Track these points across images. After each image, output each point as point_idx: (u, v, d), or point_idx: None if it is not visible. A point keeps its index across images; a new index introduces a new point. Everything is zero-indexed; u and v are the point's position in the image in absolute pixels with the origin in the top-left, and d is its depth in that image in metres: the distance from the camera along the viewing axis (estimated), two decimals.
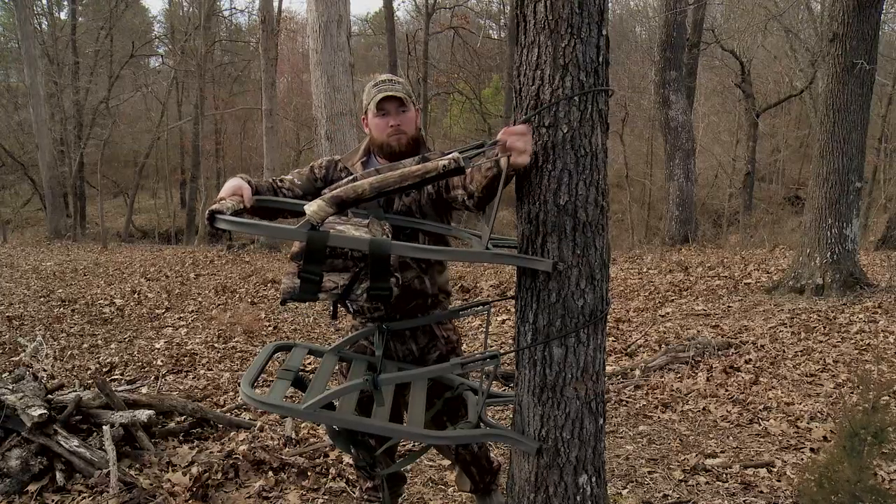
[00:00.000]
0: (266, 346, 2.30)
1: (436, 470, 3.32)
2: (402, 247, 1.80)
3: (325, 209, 1.65)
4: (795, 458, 3.41)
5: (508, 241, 2.19)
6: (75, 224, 20.01)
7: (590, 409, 1.84)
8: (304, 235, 1.68)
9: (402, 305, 2.29)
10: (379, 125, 2.28)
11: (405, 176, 1.70)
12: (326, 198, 1.67)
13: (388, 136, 2.27)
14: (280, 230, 1.89)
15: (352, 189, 1.68)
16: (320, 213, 1.65)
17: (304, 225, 1.68)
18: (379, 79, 2.32)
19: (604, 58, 1.74)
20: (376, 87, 2.28)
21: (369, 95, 2.28)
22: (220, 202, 1.97)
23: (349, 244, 1.77)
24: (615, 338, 5.85)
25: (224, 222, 1.76)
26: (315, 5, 7.91)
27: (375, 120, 2.28)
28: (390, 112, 2.26)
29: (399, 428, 1.99)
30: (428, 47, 21.12)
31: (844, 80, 6.77)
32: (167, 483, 3.07)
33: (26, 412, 3.06)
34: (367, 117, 2.33)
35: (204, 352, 5.86)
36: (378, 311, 2.28)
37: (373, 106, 2.25)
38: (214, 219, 1.79)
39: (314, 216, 1.65)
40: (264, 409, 1.90)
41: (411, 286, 2.28)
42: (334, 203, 1.66)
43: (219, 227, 1.81)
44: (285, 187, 2.29)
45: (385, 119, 2.26)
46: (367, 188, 1.69)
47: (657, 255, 11.25)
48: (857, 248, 7.08)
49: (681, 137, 13.51)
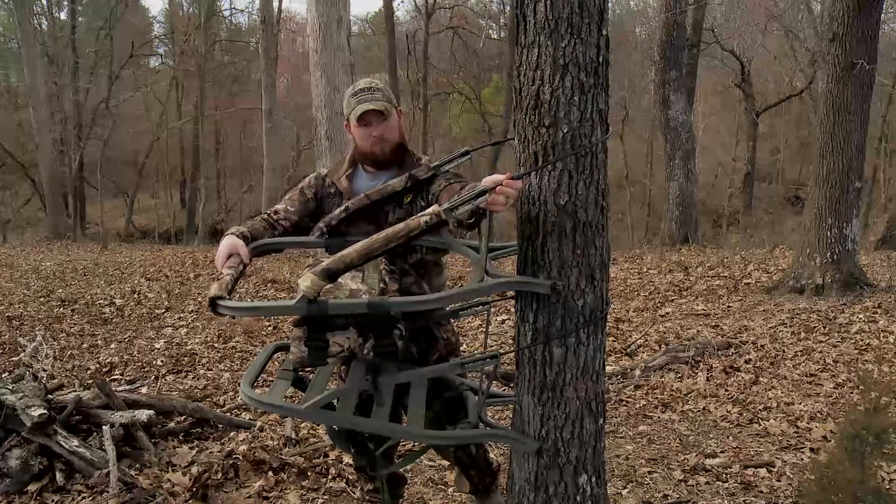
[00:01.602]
0: (266, 346, 2.30)
1: (436, 470, 3.32)
2: (400, 302, 1.84)
3: (318, 283, 1.70)
4: (795, 458, 3.41)
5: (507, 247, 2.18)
6: (75, 224, 20.00)
7: (590, 409, 1.84)
8: (303, 310, 1.72)
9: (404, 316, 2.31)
10: (362, 135, 2.27)
11: (390, 238, 1.73)
12: (318, 271, 1.71)
13: (371, 146, 2.27)
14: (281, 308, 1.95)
15: (340, 260, 1.72)
16: (314, 288, 1.69)
17: (301, 300, 1.70)
18: (358, 87, 2.30)
19: (604, 58, 1.74)
20: (356, 98, 2.26)
21: (349, 106, 2.27)
22: (218, 280, 1.97)
23: (348, 310, 1.81)
24: (615, 338, 5.85)
25: (226, 309, 1.81)
26: (315, 5, 7.91)
27: (358, 130, 2.27)
28: (372, 122, 2.24)
29: (399, 428, 2.00)
30: (428, 47, 21.10)
31: (844, 80, 6.77)
32: (167, 483, 3.07)
33: (26, 412, 3.06)
34: (348, 125, 2.32)
35: (204, 352, 5.85)
36: None
37: (353, 118, 2.24)
38: (216, 306, 1.81)
39: (309, 292, 1.68)
40: (264, 409, 1.90)
41: (410, 291, 2.29)
42: (326, 276, 1.71)
43: (222, 314, 1.86)
44: (280, 218, 2.31)
45: (367, 129, 2.25)
46: (356, 256, 1.73)
47: (657, 255, 11.24)
48: (857, 248, 7.08)
49: (681, 137, 13.51)
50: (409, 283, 2.28)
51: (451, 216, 1.69)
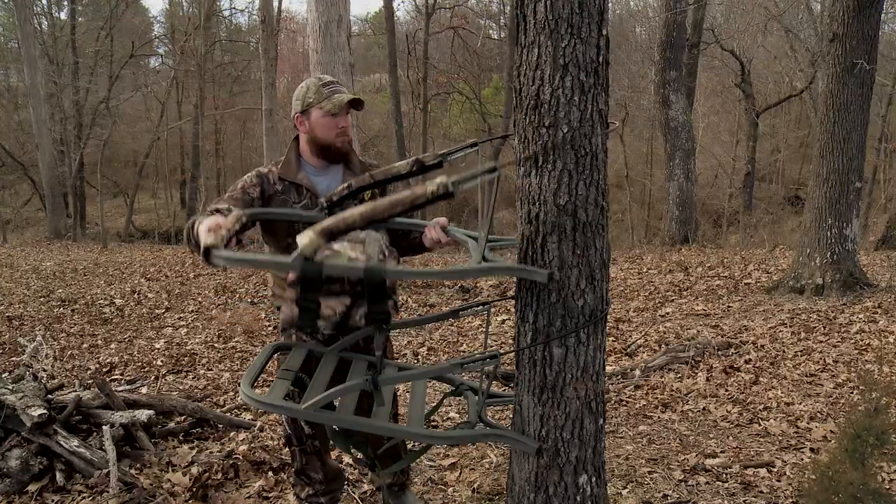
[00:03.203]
0: (266, 346, 2.30)
1: (436, 470, 3.32)
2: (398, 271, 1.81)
3: (317, 241, 1.67)
4: (795, 458, 3.41)
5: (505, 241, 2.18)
6: (75, 224, 20.00)
7: (590, 409, 1.84)
8: (298, 267, 1.68)
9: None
10: (328, 125, 2.26)
11: (394, 203, 1.70)
12: (317, 230, 1.68)
13: (336, 137, 2.28)
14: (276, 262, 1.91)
15: (342, 220, 1.68)
16: (312, 246, 1.66)
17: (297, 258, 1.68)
18: (325, 79, 2.31)
19: (604, 58, 1.74)
20: (328, 88, 2.27)
21: (320, 94, 2.26)
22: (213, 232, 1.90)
23: (344, 272, 1.78)
24: (615, 338, 5.85)
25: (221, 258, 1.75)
26: (315, 5, 7.90)
27: (324, 120, 2.26)
28: (339, 113, 2.26)
29: (399, 428, 1.99)
30: (428, 47, 21.09)
31: (844, 80, 6.77)
32: (167, 483, 3.07)
33: (26, 412, 3.06)
34: (306, 116, 2.29)
35: (204, 352, 5.85)
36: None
37: (330, 106, 2.24)
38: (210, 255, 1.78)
39: (307, 249, 1.66)
40: (264, 409, 1.90)
41: None
42: (325, 235, 1.68)
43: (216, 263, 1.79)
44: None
45: (335, 120, 2.26)
46: (359, 218, 1.70)
47: (657, 255, 11.24)
48: (857, 248, 7.08)
49: (681, 137, 13.51)
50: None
51: (457, 188, 1.68)
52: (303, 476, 2.47)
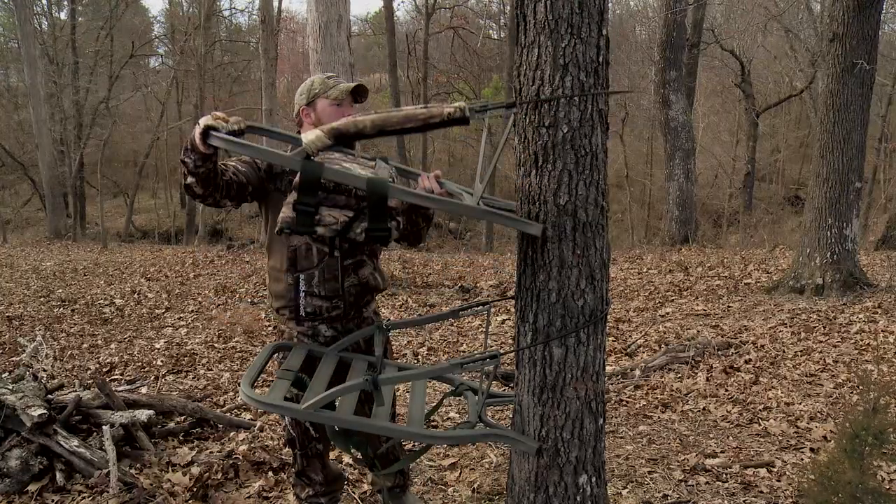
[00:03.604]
0: (266, 346, 2.30)
1: (436, 470, 3.32)
2: (400, 191, 1.78)
3: (323, 139, 1.61)
4: (795, 458, 3.41)
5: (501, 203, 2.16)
6: (75, 224, 19.99)
7: (590, 409, 1.84)
8: (297, 164, 1.63)
9: (359, 306, 2.34)
10: (334, 114, 2.26)
11: (409, 117, 1.66)
12: (325, 128, 1.64)
13: None
14: (274, 154, 1.80)
15: (352, 123, 1.63)
16: (317, 143, 1.61)
17: (299, 153, 1.63)
18: (327, 74, 2.37)
19: (604, 58, 1.74)
20: (332, 79, 2.31)
21: (326, 84, 2.30)
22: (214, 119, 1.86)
23: (345, 179, 1.73)
24: (615, 338, 5.85)
25: (218, 139, 1.70)
26: (315, 5, 7.91)
27: (330, 109, 2.28)
28: (345, 104, 2.28)
29: (399, 428, 1.99)
30: (428, 47, 21.10)
31: (844, 80, 6.77)
32: (167, 483, 3.07)
33: (26, 412, 3.06)
34: (311, 108, 2.31)
35: (204, 352, 5.85)
36: (336, 310, 2.29)
37: (336, 93, 2.27)
38: (208, 135, 1.73)
39: (310, 146, 1.61)
40: (264, 409, 1.90)
41: (369, 283, 2.34)
42: (333, 135, 1.62)
43: (212, 143, 1.74)
44: (230, 171, 2.18)
45: (341, 109, 2.27)
46: (369, 124, 1.65)
47: (657, 255, 11.24)
48: (857, 248, 7.08)
49: (681, 137, 13.52)
50: (368, 274, 2.33)
51: (474, 115, 1.66)
52: (303, 477, 2.48)
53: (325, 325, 2.32)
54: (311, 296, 2.26)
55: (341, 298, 2.28)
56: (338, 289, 2.26)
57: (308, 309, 2.28)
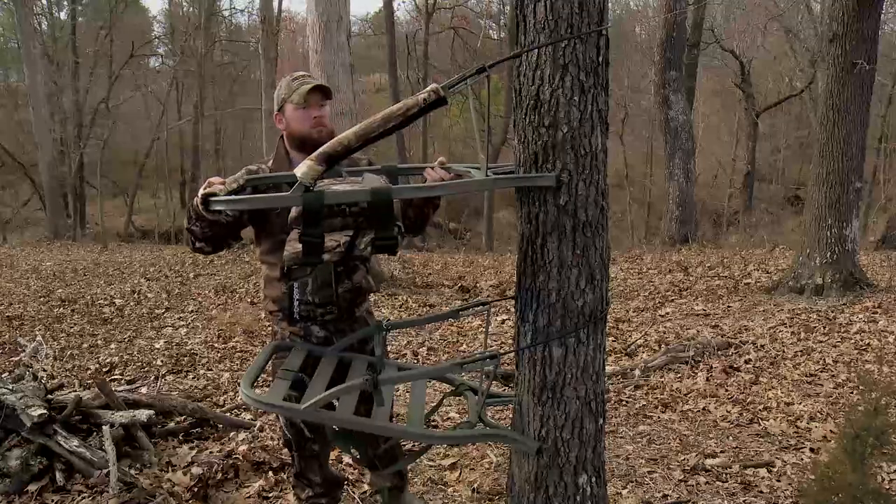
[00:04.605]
0: (266, 346, 2.30)
1: (436, 470, 3.32)
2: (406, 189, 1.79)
3: (315, 168, 1.62)
4: (795, 458, 3.41)
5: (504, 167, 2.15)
6: (75, 224, 19.97)
7: (590, 409, 1.84)
8: (298, 200, 1.65)
9: (352, 308, 2.35)
10: (301, 117, 2.27)
11: (387, 117, 1.66)
12: (314, 156, 1.64)
13: (310, 128, 2.27)
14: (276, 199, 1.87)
15: (337, 142, 1.64)
16: (311, 173, 1.62)
17: (297, 188, 1.65)
18: (297, 74, 2.35)
19: (604, 58, 1.74)
20: (297, 81, 2.29)
21: (290, 88, 2.29)
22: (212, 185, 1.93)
23: (346, 199, 1.75)
24: (615, 338, 5.85)
25: (220, 203, 1.74)
26: (315, 5, 7.91)
27: (297, 113, 2.27)
28: (312, 104, 2.27)
29: (399, 428, 1.99)
30: (428, 47, 21.11)
31: (844, 80, 6.77)
32: (167, 483, 3.07)
33: (26, 412, 3.06)
34: (282, 113, 2.32)
35: (204, 352, 5.85)
36: (330, 315, 2.30)
37: (297, 98, 2.26)
38: (208, 203, 1.76)
39: (305, 177, 1.62)
40: (264, 409, 1.90)
41: (362, 287, 2.34)
42: (323, 160, 1.63)
43: (215, 209, 1.79)
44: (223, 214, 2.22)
45: (307, 111, 2.27)
46: (353, 137, 1.66)
47: (657, 255, 11.24)
48: (857, 248, 7.08)
49: (681, 137, 13.51)
50: (360, 278, 2.33)
51: (448, 93, 1.66)
52: (303, 479, 2.47)
53: (318, 327, 2.33)
54: (304, 303, 2.28)
55: (335, 304, 2.29)
56: (331, 295, 2.26)
57: (302, 313, 2.29)
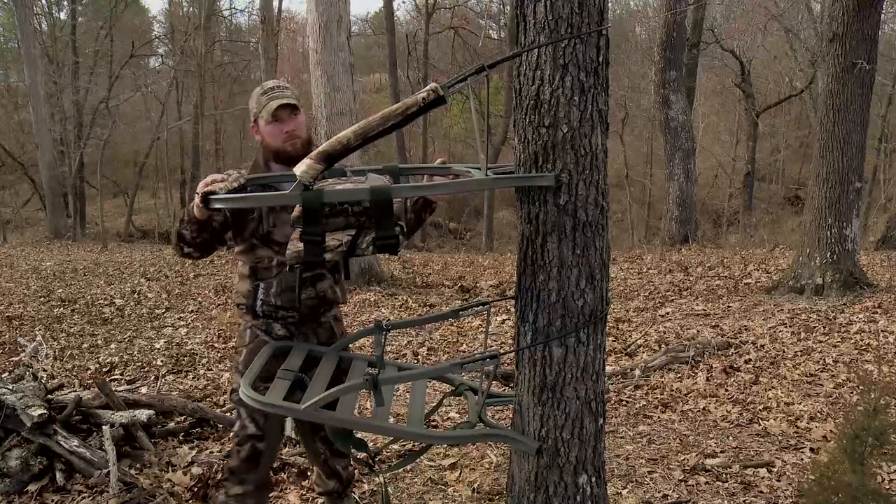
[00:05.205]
0: (266, 346, 2.30)
1: (436, 470, 3.32)
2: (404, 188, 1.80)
3: (314, 167, 1.63)
4: (795, 458, 3.41)
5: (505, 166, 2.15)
6: (75, 224, 19.97)
7: (590, 409, 1.84)
8: (297, 198, 1.66)
9: (316, 315, 2.37)
10: (273, 132, 2.28)
11: (386, 116, 1.66)
12: (313, 155, 1.65)
13: (283, 142, 2.28)
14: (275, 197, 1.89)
15: (337, 141, 1.64)
16: (310, 172, 1.62)
17: (297, 188, 1.66)
18: (267, 86, 2.34)
19: (604, 58, 1.74)
20: (266, 96, 2.29)
21: (259, 104, 2.29)
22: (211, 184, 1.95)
23: (346, 197, 1.75)
24: (615, 338, 5.85)
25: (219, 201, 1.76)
26: (315, 5, 7.91)
27: (268, 127, 2.28)
28: (283, 118, 2.28)
29: (399, 428, 1.99)
30: (428, 47, 21.10)
31: (844, 80, 6.77)
32: (167, 483, 3.07)
33: (26, 412, 3.06)
34: (257, 125, 2.33)
35: (204, 352, 5.85)
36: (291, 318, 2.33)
37: (266, 114, 2.26)
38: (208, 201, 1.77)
39: (304, 176, 1.62)
40: (264, 409, 1.90)
41: (326, 297, 2.36)
42: (322, 159, 1.63)
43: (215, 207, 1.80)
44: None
45: (279, 126, 2.28)
46: (352, 136, 1.66)
47: (657, 255, 11.24)
48: (857, 248, 7.08)
49: (681, 137, 13.52)
50: (326, 287, 2.36)
51: (447, 92, 1.66)
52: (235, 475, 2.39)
53: (279, 325, 2.36)
54: (267, 304, 2.32)
55: (296, 310, 2.32)
56: (293, 300, 2.29)
57: (265, 311, 2.33)
